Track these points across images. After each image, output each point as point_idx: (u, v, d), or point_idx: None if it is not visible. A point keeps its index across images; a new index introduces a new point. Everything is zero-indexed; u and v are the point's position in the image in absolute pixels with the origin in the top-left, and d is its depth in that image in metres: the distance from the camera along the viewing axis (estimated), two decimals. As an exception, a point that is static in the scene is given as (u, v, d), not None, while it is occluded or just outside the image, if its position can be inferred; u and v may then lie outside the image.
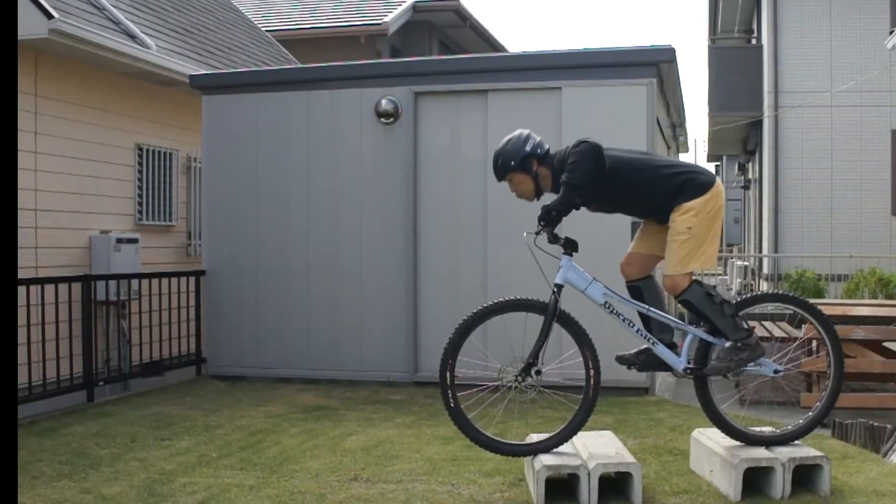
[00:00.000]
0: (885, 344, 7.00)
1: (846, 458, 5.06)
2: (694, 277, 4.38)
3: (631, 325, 4.44)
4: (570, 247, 4.39)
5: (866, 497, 4.29)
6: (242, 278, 8.33)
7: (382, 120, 7.98)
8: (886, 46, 13.04)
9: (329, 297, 8.08)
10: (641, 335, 4.44)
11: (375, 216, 8.01)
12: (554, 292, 4.37)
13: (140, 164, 9.30)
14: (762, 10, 16.42)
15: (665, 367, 4.51)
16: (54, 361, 7.08)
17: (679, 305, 4.54)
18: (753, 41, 18.72)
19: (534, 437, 4.76)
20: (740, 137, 19.93)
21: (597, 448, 4.47)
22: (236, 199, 8.37)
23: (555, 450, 4.42)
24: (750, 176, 21.42)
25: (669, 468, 4.87)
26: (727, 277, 21.74)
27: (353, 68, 8.41)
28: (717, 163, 33.78)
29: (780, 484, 4.24)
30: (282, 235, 8.24)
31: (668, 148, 10.80)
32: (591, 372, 4.39)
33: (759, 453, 4.34)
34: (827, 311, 6.86)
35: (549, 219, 4.24)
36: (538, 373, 4.36)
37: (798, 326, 7.37)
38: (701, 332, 4.44)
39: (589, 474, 4.17)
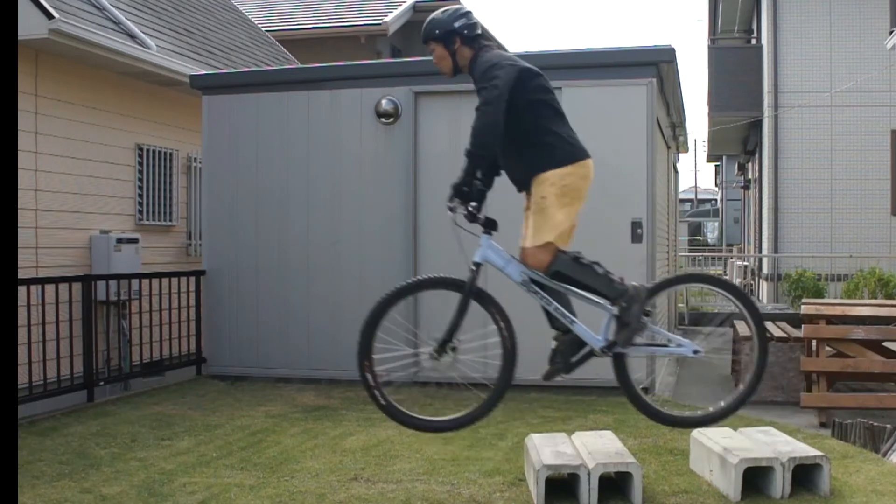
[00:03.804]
0: (885, 344, 7.00)
1: (846, 457, 5.06)
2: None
3: (549, 303, 4.36)
4: (490, 226, 4.39)
5: (866, 497, 4.29)
6: (242, 278, 8.33)
7: (382, 120, 7.98)
8: (886, 46, 13.05)
9: (329, 297, 8.07)
10: (559, 313, 4.36)
11: (375, 216, 8.01)
12: (472, 270, 4.35)
13: (140, 164, 9.30)
14: (762, 10, 16.42)
15: (585, 355, 4.40)
16: (54, 361, 7.08)
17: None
18: (753, 41, 18.72)
19: (534, 437, 4.76)
20: (740, 137, 19.94)
21: (597, 448, 4.47)
22: (236, 199, 8.37)
23: (553, 449, 4.42)
24: (750, 176, 21.42)
25: (669, 468, 4.87)
26: (727, 277, 21.73)
27: (353, 68, 8.41)
28: (717, 163, 33.76)
29: (780, 483, 4.24)
30: (282, 235, 8.24)
31: (668, 148, 10.80)
32: (508, 345, 4.30)
33: (759, 452, 4.34)
34: (827, 310, 6.89)
35: (462, 194, 4.23)
36: (454, 349, 4.32)
37: (798, 326, 7.38)
38: (612, 309, 4.32)
39: (589, 474, 4.17)
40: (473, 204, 4.33)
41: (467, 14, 4.41)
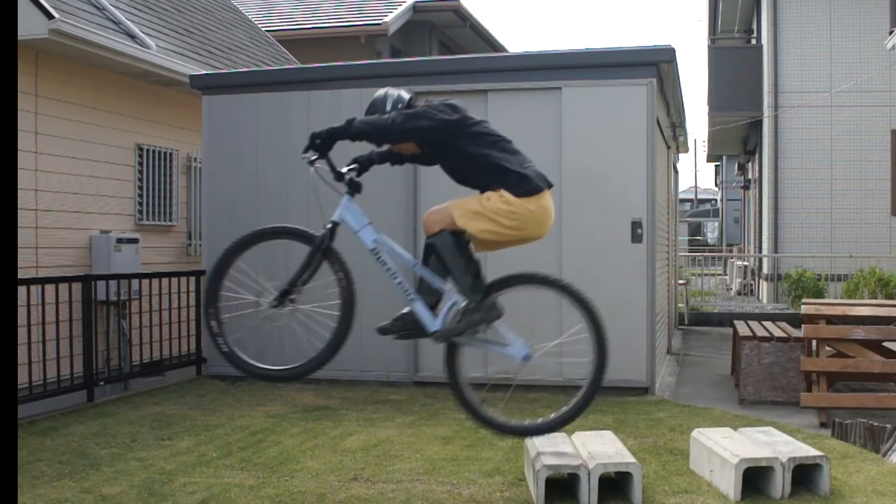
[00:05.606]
0: (885, 344, 7.00)
1: (846, 457, 5.06)
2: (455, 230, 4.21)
3: (394, 276, 4.34)
4: (354, 188, 4.46)
5: (866, 497, 4.29)
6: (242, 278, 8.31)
7: (382, 120, 7.97)
8: (886, 46, 13.05)
9: (328, 297, 8.05)
10: (402, 288, 4.32)
11: (375, 216, 7.93)
12: (327, 227, 4.40)
13: (140, 164, 9.30)
14: (762, 10, 16.43)
15: (421, 330, 4.33)
16: (54, 361, 7.08)
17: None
18: (753, 41, 18.73)
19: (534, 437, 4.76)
20: (740, 137, 19.95)
21: (597, 448, 4.47)
22: (236, 199, 8.37)
23: (553, 449, 4.42)
24: (750, 176, 21.44)
25: (669, 468, 4.87)
26: (727, 277, 21.75)
27: (353, 68, 8.40)
28: (717, 163, 33.77)
29: (780, 484, 4.24)
30: (282, 235, 8.22)
31: (668, 148, 10.80)
32: (346, 295, 4.34)
33: (759, 453, 4.35)
34: (827, 310, 6.88)
35: (315, 146, 4.28)
36: (292, 300, 4.36)
37: (798, 326, 7.38)
38: (457, 296, 4.23)
39: (589, 474, 4.18)
40: (354, 166, 4.49)
41: (387, 94, 4.39)
